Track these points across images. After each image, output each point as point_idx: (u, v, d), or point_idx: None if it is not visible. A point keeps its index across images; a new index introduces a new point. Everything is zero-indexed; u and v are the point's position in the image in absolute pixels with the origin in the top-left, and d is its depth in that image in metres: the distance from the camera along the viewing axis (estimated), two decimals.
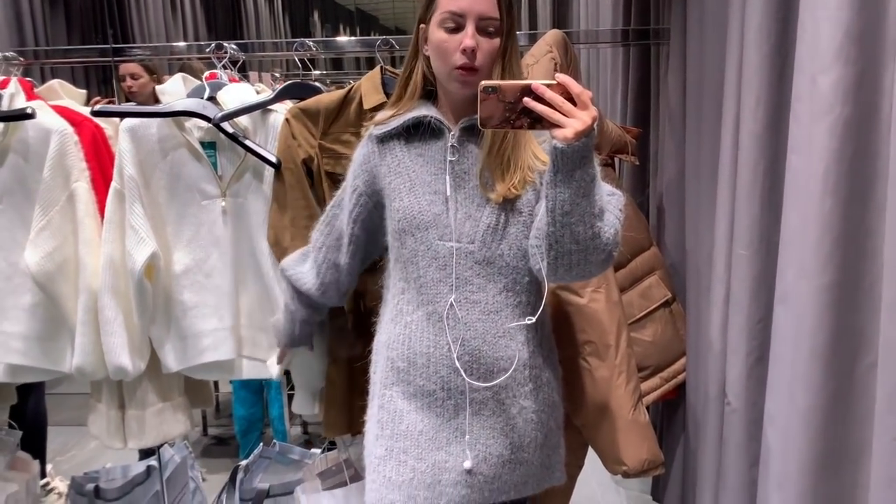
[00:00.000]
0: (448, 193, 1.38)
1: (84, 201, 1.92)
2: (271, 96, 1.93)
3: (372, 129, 1.48)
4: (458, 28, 1.32)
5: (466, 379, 1.36)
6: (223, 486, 2.53)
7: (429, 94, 1.46)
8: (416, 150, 1.43)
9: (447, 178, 1.39)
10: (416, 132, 1.43)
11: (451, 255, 1.37)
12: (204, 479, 2.74)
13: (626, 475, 1.83)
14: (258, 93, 2.04)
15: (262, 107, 1.92)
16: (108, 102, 3.06)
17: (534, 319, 1.36)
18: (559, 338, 1.90)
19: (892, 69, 1.04)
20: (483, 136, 1.37)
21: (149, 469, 2.48)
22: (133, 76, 3.27)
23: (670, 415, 2.13)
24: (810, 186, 1.14)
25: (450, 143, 1.39)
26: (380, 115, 1.48)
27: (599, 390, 1.84)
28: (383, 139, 1.46)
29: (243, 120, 1.91)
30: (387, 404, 1.45)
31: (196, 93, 1.95)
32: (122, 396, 2.07)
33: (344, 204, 1.55)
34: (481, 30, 1.32)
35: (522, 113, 1.14)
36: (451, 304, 1.37)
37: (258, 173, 1.93)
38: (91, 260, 1.91)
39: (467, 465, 1.37)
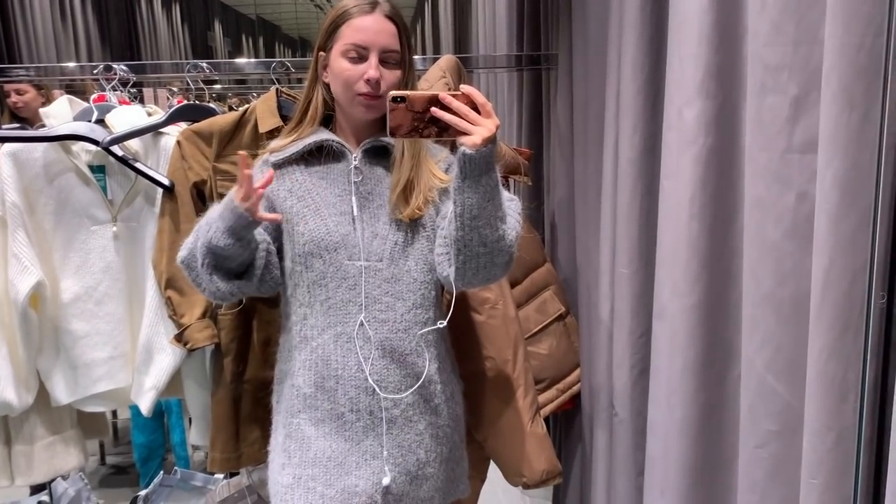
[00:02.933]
0: (355, 214, 1.41)
1: None
2: (162, 119, 1.91)
3: (268, 156, 1.48)
4: (361, 59, 1.37)
5: (380, 394, 1.39)
6: None
7: (326, 119, 1.48)
8: (318, 174, 1.45)
9: (353, 198, 1.42)
10: (317, 156, 1.45)
11: (360, 274, 1.40)
12: None
13: (525, 486, 1.88)
14: (150, 115, 2.01)
15: (153, 130, 1.89)
16: None
17: (444, 323, 1.42)
18: (460, 354, 1.94)
19: (748, 103, 1.12)
20: (392, 161, 1.42)
21: None
22: (18, 92, 3.15)
23: (568, 425, 2.20)
24: (679, 211, 1.21)
25: (353, 165, 1.43)
26: (276, 143, 1.49)
27: (498, 404, 1.89)
28: (280, 165, 1.46)
29: (134, 143, 1.88)
30: (294, 433, 1.45)
31: (83, 115, 1.91)
32: (7, 431, 1.98)
33: None
34: (383, 61, 1.37)
35: (430, 122, 1.20)
36: (361, 323, 1.39)
37: (150, 197, 1.90)
38: None
39: (386, 480, 1.40)
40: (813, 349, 0.89)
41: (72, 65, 2.47)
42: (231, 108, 4.14)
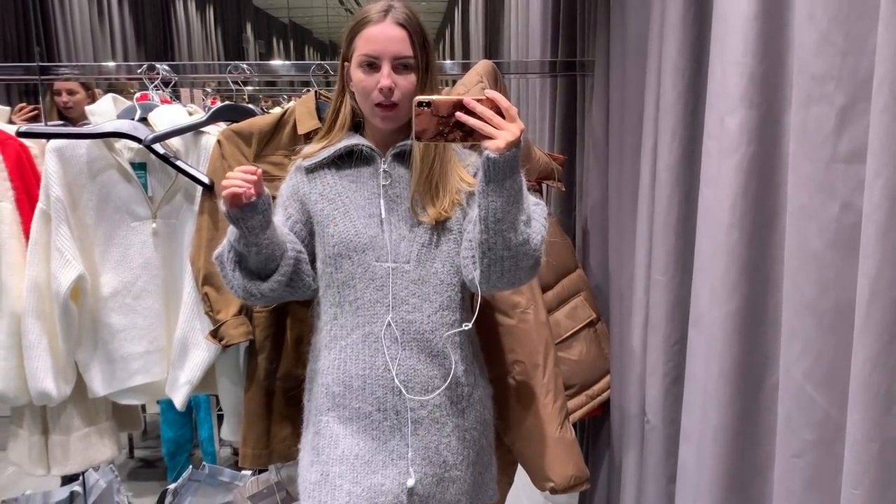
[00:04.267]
0: (383, 216, 1.43)
1: (8, 222, 1.89)
2: (204, 118, 1.94)
3: (300, 162, 1.52)
4: (374, 68, 1.38)
5: (405, 394, 1.40)
6: None
7: (356, 125, 1.51)
8: (349, 177, 1.47)
9: (381, 201, 1.44)
10: (347, 160, 1.48)
11: (388, 275, 1.42)
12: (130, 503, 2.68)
13: (553, 491, 1.88)
14: (190, 114, 2.04)
15: (194, 129, 1.92)
16: (33, 110, 2.99)
17: (470, 325, 1.43)
18: (490, 357, 1.95)
19: (791, 112, 1.13)
20: (412, 164, 1.43)
21: (72, 495, 2.41)
22: (70, 92, 3.20)
23: (596, 431, 2.20)
24: (719, 218, 1.22)
25: (382, 169, 1.45)
26: (308, 149, 1.52)
27: (528, 409, 1.89)
28: (312, 169, 1.50)
29: (175, 142, 1.91)
30: (323, 430, 1.47)
31: (127, 114, 1.94)
32: (45, 421, 2.02)
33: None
34: (397, 67, 1.38)
35: (455, 126, 1.21)
36: (389, 324, 1.41)
37: (190, 195, 1.93)
38: (15, 282, 1.87)
39: (410, 482, 1.41)
40: (857, 359, 0.89)
41: (112, 64, 2.52)
42: (263, 111, 4.20)
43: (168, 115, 1.94)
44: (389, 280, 1.42)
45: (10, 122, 2.40)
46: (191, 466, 2.59)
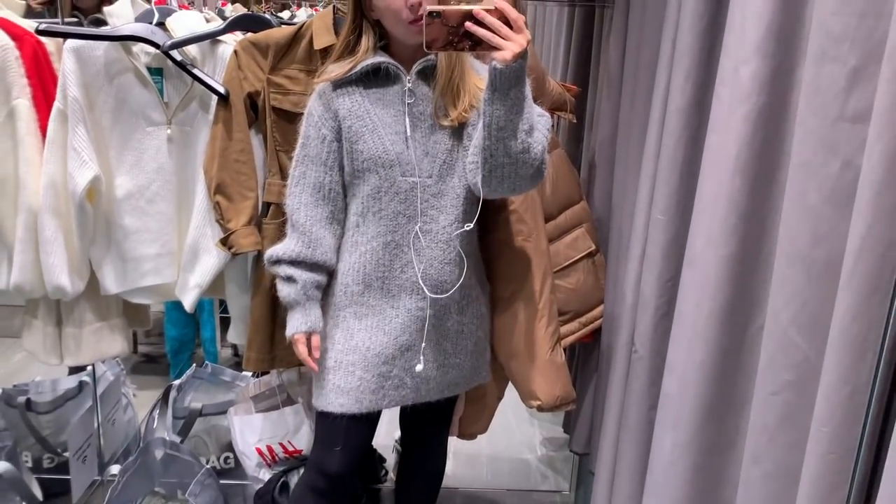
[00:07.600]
0: (408, 134, 1.56)
1: (25, 119, 1.91)
2: (222, 27, 1.94)
3: (326, 85, 1.59)
4: None
5: (422, 294, 1.59)
6: (154, 403, 2.61)
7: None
8: (375, 95, 1.57)
9: (406, 119, 1.56)
10: (373, 79, 1.57)
11: (412, 189, 1.57)
12: (135, 395, 2.80)
13: (539, 409, 1.98)
14: (208, 21, 2.04)
15: (212, 37, 1.93)
16: None
17: (472, 225, 1.60)
18: (490, 279, 2.02)
19: (805, 69, 1.15)
20: (436, 73, 1.53)
21: (81, 384, 2.52)
22: None
23: (585, 357, 2.29)
24: (723, 165, 1.26)
25: (406, 87, 1.55)
26: (334, 73, 1.57)
27: (522, 331, 1.97)
28: (340, 84, 1.58)
29: (192, 49, 1.92)
30: (340, 323, 1.65)
31: (144, 17, 1.94)
32: (59, 314, 2.10)
33: (312, 158, 1.61)
34: None
35: (464, 36, 1.29)
36: (409, 233, 1.58)
37: (205, 104, 1.96)
38: (32, 179, 1.91)
39: (419, 367, 1.63)
40: (839, 308, 0.95)
41: None
42: (273, 14, 4.11)
43: (186, 22, 1.94)
44: (413, 193, 1.56)
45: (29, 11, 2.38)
46: (194, 364, 2.69)
